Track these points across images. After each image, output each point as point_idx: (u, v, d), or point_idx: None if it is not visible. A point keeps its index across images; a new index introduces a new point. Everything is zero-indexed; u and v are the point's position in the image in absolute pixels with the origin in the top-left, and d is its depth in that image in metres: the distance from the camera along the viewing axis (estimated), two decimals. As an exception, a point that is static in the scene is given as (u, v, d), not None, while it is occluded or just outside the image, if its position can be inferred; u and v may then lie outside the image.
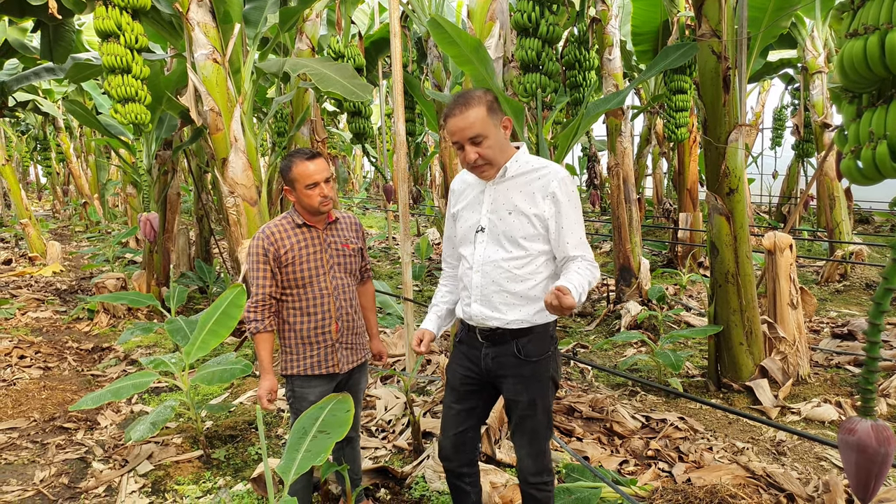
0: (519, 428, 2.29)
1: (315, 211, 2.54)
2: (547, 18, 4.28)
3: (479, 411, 2.41)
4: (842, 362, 4.86)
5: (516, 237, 2.15)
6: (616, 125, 6.67)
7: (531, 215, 2.13)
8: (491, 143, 2.10)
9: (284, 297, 2.60)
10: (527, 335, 2.21)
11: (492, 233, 2.20)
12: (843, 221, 7.96)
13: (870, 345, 1.38)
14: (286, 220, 2.60)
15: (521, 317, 2.19)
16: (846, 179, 1.48)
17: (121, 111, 5.17)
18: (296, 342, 2.61)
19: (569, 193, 2.14)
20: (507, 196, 2.18)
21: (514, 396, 2.25)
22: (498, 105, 2.14)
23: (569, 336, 6.07)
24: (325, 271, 2.60)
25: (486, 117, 2.08)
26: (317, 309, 2.59)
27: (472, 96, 2.11)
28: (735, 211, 4.29)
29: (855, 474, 1.41)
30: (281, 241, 2.54)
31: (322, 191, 2.50)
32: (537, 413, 2.24)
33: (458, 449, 2.39)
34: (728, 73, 4.14)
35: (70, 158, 15.08)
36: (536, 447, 2.27)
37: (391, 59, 4.08)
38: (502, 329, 2.21)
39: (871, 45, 1.21)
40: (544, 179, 2.14)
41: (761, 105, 15.03)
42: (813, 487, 3.05)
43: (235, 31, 5.24)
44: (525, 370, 2.21)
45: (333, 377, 2.67)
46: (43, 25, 6.44)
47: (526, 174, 2.18)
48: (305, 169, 2.48)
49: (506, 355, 2.23)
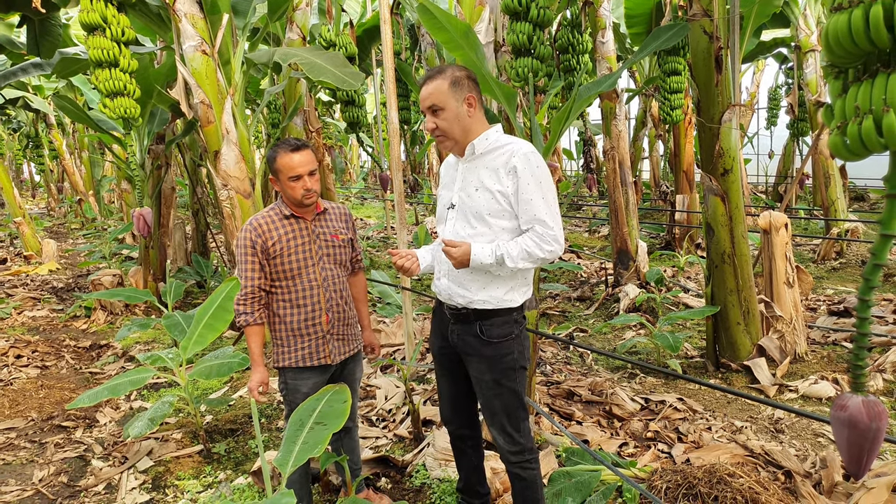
0: (487, 408, 2.34)
1: (299, 203, 2.53)
2: (537, 2, 4.24)
3: (464, 377, 2.47)
4: (838, 339, 4.87)
5: (482, 213, 2.19)
6: (611, 108, 6.64)
7: (495, 191, 2.17)
8: (447, 116, 2.16)
9: (274, 290, 2.58)
10: (490, 317, 2.25)
11: (461, 209, 2.26)
12: (838, 199, 7.96)
13: (859, 321, 1.38)
14: (273, 211, 2.58)
15: (485, 297, 2.23)
16: (834, 155, 1.47)
17: (109, 105, 5.14)
18: (286, 334, 2.59)
19: (531, 168, 2.14)
20: (476, 173, 2.23)
21: (478, 375, 2.32)
22: (467, 82, 2.18)
23: (568, 320, 6.08)
24: (313, 262, 2.58)
25: (447, 90, 2.14)
26: (306, 301, 2.57)
27: (441, 69, 2.19)
28: (730, 191, 4.27)
29: (847, 450, 1.41)
30: (268, 232, 2.52)
31: (305, 184, 2.48)
32: (503, 393, 2.29)
33: (455, 411, 2.54)
34: (720, 53, 4.12)
35: (63, 155, 15.01)
36: (510, 427, 2.31)
37: (382, 46, 4.05)
38: (467, 309, 2.26)
39: (855, 18, 1.19)
40: (507, 155, 2.18)
41: (756, 85, 14.96)
42: (810, 464, 3.07)
43: (224, 22, 5.19)
44: (487, 351, 2.26)
45: (326, 369, 2.67)
46: (29, 20, 6.38)
47: (493, 151, 2.23)
48: (289, 161, 2.46)
49: (469, 335, 2.29)
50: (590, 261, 8.79)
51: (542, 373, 4.54)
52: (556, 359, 4.93)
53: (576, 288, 7.25)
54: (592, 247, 10.00)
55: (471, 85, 2.21)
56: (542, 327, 5.70)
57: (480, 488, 2.68)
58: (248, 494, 3.18)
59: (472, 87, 2.21)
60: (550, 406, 3.91)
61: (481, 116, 2.26)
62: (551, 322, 6.08)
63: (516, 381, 2.30)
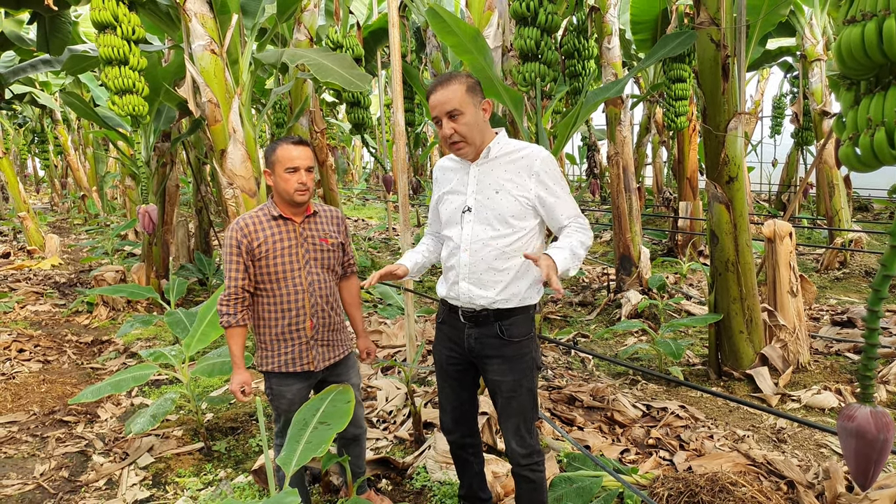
0: (505, 410, 2.33)
1: (290, 199, 2.46)
2: (546, 7, 4.26)
3: (470, 384, 2.47)
4: (842, 349, 4.87)
5: (505, 215, 2.20)
6: (615, 114, 6.65)
7: (517, 195, 2.20)
8: (467, 121, 2.17)
9: (259, 293, 2.52)
10: (509, 317, 2.26)
11: (479, 212, 2.25)
12: (842, 209, 7.96)
13: (868, 332, 1.38)
14: (262, 211, 2.53)
15: (507, 296, 2.23)
16: (844, 167, 1.47)
17: (118, 103, 5.16)
18: (270, 339, 2.54)
19: (552, 172, 2.23)
20: (493, 176, 2.24)
21: (498, 377, 2.30)
22: (479, 88, 2.22)
23: (570, 325, 6.08)
24: (300, 266, 2.51)
25: (465, 95, 2.16)
26: (291, 305, 2.51)
27: (454, 75, 2.20)
28: (735, 199, 4.28)
29: (854, 461, 1.41)
30: (254, 233, 2.46)
31: (301, 177, 2.44)
32: (522, 394, 2.29)
33: (458, 422, 2.52)
34: (727, 61, 4.12)
35: (68, 151, 15.04)
36: (524, 428, 2.32)
37: (390, 49, 4.06)
38: (487, 310, 2.26)
39: (868, 31, 1.20)
40: (527, 159, 2.22)
41: (760, 93, 14.99)
42: (813, 474, 3.06)
43: (233, 22, 5.20)
44: (508, 351, 2.26)
45: (309, 375, 2.61)
46: (39, 17, 6.41)
47: (509, 154, 2.25)
48: (289, 152, 2.44)
49: (488, 336, 2.28)
50: (592, 266, 8.79)
51: (543, 377, 4.54)
52: (558, 364, 4.93)
53: (578, 293, 7.25)
54: (595, 252, 10.00)
55: (482, 91, 2.25)
56: (544, 332, 5.70)
57: (482, 493, 2.68)
58: (248, 493, 3.18)
59: (481, 93, 2.25)
60: (552, 411, 3.91)
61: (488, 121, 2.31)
62: (553, 327, 6.08)
63: (534, 380, 2.32)
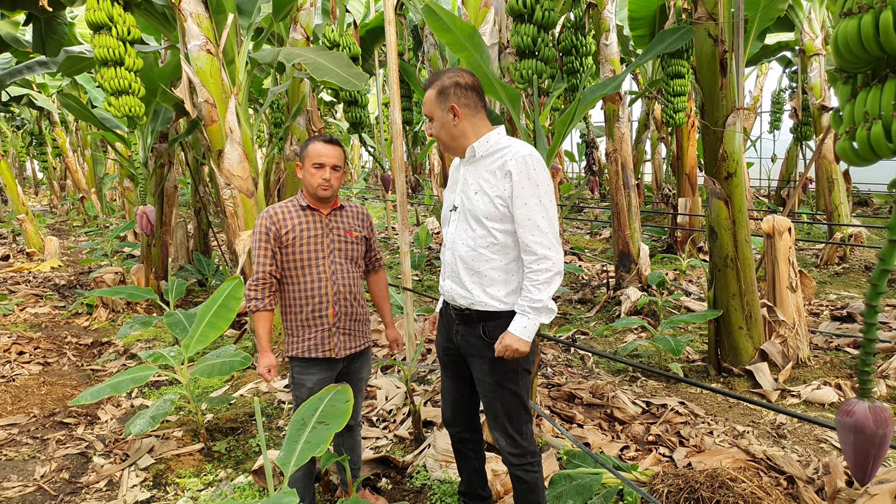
0: (489, 409, 2.34)
1: (314, 193, 2.61)
2: (542, 4, 4.24)
3: (469, 378, 2.46)
4: (841, 345, 4.86)
5: (479, 216, 2.19)
6: (614, 111, 6.63)
7: (493, 196, 2.16)
8: (436, 125, 2.22)
9: (286, 280, 2.67)
10: (494, 319, 2.25)
11: (462, 212, 2.27)
12: (841, 204, 7.95)
13: (866, 326, 1.38)
14: (292, 202, 2.69)
15: (485, 298, 2.22)
16: (842, 161, 1.47)
17: (115, 104, 5.14)
18: (296, 325, 2.68)
19: (528, 171, 2.10)
20: (476, 176, 2.23)
21: (480, 376, 2.32)
22: (457, 91, 2.18)
23: (569, 323, 6.08)
24: (324, 255, 2.66)
25: (434, 100, 2.19)
26: (314, 292, 2.64)
27: (433, 79, 2.22)
28: (733, 195, 4.27)
29: (853, 456, 1.41)
30: (283, 221, 2.62)
31: (325, 174, 2.58)
32: (504, 395, 2.28)
33: (457, 414, 2.54)
34: (725, 56, 4.11)
35: (66, 153, 15.02)
36: (512, 429, 2.31)
37: (386, 47, 4.05)
38: (470, 310, 2.27)
39: (865, 23, 1.19)
40: (504, 158, 2.16)
41: (759, 88, 14.95)
42: (813, 469, 3.06)
43: (229, 22, 5.19)
44: (489, 352, 2.25)
45: (331, 364, 2.71)
46: (35, 18, 6.38)
47: (493, 154, 2.22)
48: (318, 149, 2.59)
49: (473, 336, 2.29)
50: (591, 263, 8.78)
51: (543, 375, 4.53)
52: (558, 361, 4.93)
53: (577, 290, 7.24)
54: (594, 249, 9.99)
55: (459, 93, 2.18)
56: (543, 329, 5.69)
57: (482, 491, 2.68)
58: (248, 493, 3.18)
59: (461, 95, 2.18)
60: (551, 408, 3.90)
61: (479, 120, 2.23)
62: (552, 324, 6.07)
63: (518, 383, 2.29)
